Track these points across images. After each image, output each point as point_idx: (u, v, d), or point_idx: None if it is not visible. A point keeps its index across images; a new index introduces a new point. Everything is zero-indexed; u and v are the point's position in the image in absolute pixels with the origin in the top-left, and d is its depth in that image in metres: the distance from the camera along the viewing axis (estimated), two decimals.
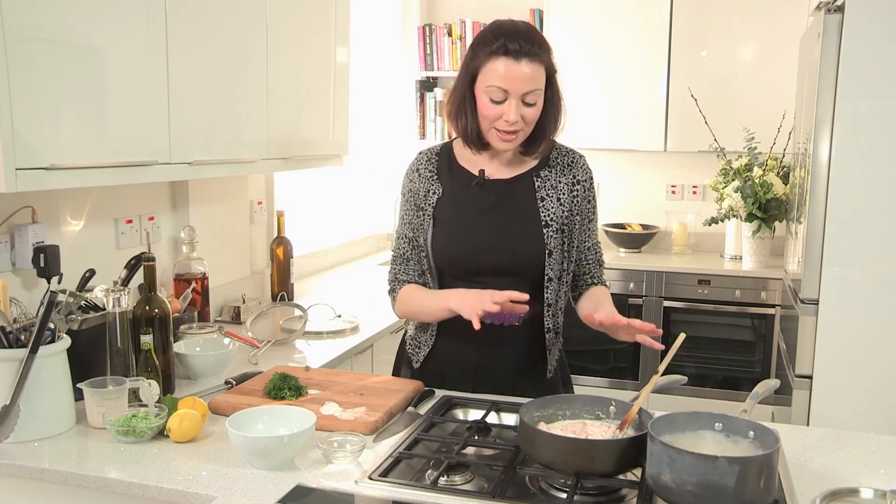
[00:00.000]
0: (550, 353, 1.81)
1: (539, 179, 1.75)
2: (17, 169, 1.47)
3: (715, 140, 3.70)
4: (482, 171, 1.74)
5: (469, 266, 1.73)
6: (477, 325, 1.53)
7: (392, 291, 1.83)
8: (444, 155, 1.80)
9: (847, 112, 2.42)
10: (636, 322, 1.54)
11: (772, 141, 3.61)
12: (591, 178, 1.79)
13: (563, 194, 1.74)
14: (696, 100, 3.72)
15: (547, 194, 1.73)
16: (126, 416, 1.51)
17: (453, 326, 1.73)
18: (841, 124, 2.43)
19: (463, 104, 1.67)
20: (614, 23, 3.87)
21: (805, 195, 2.61)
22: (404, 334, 1.95)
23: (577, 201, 1.75)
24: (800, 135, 2.97)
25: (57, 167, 1.55)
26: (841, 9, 2.41)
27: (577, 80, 3.92)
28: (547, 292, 1.74)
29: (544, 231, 1.71)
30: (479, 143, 1.71)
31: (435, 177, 1.77)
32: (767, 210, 3.59)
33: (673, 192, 4.22)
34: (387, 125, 4.21)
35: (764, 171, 3.62)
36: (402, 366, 1.94)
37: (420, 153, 1.83)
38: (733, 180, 3.69)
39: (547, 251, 1.71)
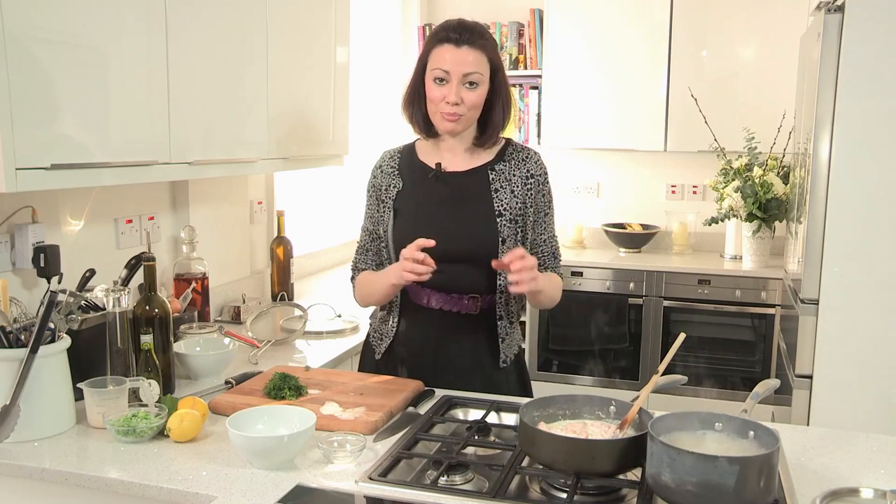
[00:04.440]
0: (504, 342, 1.86)
1: (494, 172, 1.84)
2: (17, 169, 1.47)
3: (715, 140, 3.70)
4: (438, 164, 1.84)
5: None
6: (424, 277, 1.64)
7: (352, 279, 1.94)
8: (406, 152, 1.92)
9: (847, 112, 2.42)
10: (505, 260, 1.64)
11: (772, 141, 3.61)
12: (546, 173, 1.87)
13: (517, 187, 1.82)
14: (696, 100, 3.71)
15: (501, 186, 1.82)
16: (126, 416, 1.51)
17: (413, 315, 1.84)
18: (841, 124, 2.43)
19: (415, 93, 1.82)
20: (614, 23, 3.87)
21: (805, 195, 2.61)
22: (369, 328, 2.00)
23: (531, 194, 1.83)
24: (800, 135, 2.97)
25: (57, 167, 1.55)
26: (841, 9, 2.41)
27: (577, 80, 3.92)
28: (500, 279, 1.81)
29: (497, 220, 1.79)
30: (427, 129, 1.83)
31: (396, 172, 1.88)
32: (767, 210, 3.59)
33: (673, 192, 4.22)
34: (387, 125, 4.21)
35: (764, 171, 3.62)
36: (365, 359, 1.98)
37: (384, 152, 1.95)
38: (733, 180, 3.69)
39: (500, 239, 1.79)
